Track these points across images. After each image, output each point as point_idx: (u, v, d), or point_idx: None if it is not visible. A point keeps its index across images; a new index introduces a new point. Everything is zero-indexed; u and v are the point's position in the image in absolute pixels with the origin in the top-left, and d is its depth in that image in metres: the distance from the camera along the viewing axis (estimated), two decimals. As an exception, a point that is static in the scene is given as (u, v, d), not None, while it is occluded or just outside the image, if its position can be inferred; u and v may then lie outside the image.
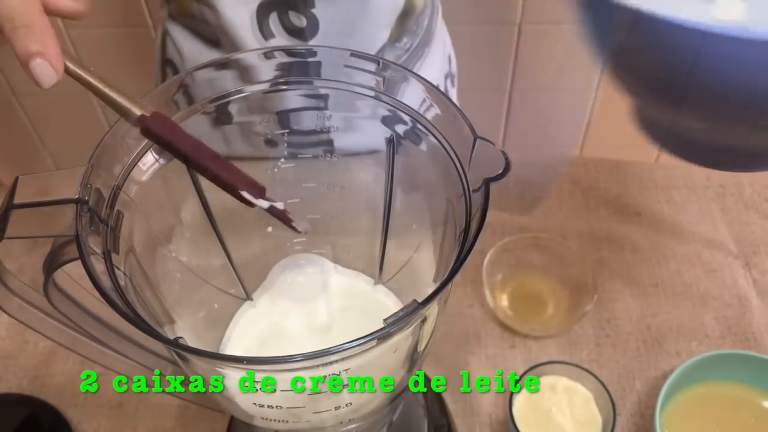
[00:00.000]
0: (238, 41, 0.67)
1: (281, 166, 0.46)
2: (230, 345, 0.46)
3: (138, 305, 0.35)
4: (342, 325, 0.46)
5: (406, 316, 0.31)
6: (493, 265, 0.65)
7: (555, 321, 0.64)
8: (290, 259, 0.48)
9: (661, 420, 0.52)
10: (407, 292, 0.47)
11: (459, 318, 0.64)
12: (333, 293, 0.47)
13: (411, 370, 0.41)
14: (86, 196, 0.34)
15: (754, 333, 0.62)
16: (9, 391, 0.60)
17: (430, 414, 0.55)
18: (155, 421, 0.58)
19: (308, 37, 0.66)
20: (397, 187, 0.45)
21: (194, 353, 0.33)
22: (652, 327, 0.63)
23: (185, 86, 0.40)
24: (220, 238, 0.46)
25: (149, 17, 1.10)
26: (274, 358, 0.31)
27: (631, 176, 0.74)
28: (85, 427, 0.58)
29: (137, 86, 1.21)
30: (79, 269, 0.33)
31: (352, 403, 0.38)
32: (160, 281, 0.42)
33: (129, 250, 0.38)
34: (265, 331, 0.47)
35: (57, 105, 1.26)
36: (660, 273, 0.67)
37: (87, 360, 0.43)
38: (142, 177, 0.39)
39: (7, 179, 0.93)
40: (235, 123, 0.43)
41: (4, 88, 1.22)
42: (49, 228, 0.34)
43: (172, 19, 0.73)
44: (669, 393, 0.54)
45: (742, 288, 0.65)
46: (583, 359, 0.61)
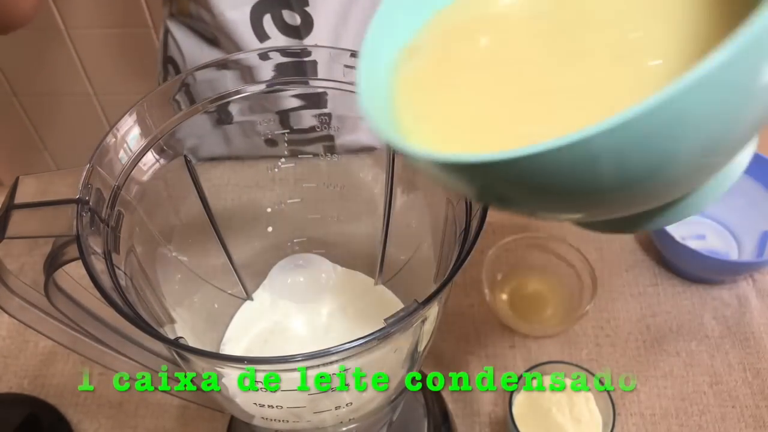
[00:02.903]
0: (235, 40, 0.67)
1: (281, 166, 0.46)
2: (230, 345, 0.46)
3: (138, 305, 0.35)
4: (342, 325, 0.46)
5: (406, 316, 0.31)
6: (493, 265, 0.65)
7: (555, 321, 0.64)
8: (290, 259, 0.48)
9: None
10: (407, 292, 0.47)
11: (459, 318, 0.64)
12: (333, 293, 0.47)
13: (411, 370, 0.41)
14: (87, 196, 0.34)
15: (753, 333, 0.62)
16: (9, 391, 0.60)
17: (430, 414, 0.55)
18: (155, 421, 0.58)
19: (303, 34, 0.66)
20: (397, 187, 0.45)
21: (194, 353, 0.33)
22: (652, 327, 0.63)
23: (186, 86, 0.40)
24: (220, 238, 0.46)
25: (150, 18, 1.10)
26: (274, 358, 0.31)
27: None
28: (86, 426, 0.58)
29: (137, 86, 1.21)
30: (79, 269, 0.33)
31: (352, 402, 0.39)
32: (161, 281, 0.42)
33: (129, 250, 0.38)
34: (266, 331, 0.47)
35: (57, 105, 1.26)
36: (660, 273, 0.67)
37: (87, 360, 0.43)
38: (143, 177, 0.39)
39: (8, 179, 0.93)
40: (235, 122, 0.43)
41: (4, 88, 1.22)
42: (50, 228, 0.34)
43: (173, 17, 0.73)
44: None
45: (741, 288, 0.65)
46: (583, 359, 0.61)
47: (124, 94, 1.21)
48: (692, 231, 0.69)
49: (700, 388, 0.59)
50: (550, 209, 0.27)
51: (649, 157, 0.20)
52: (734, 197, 0.67)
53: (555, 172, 0.21)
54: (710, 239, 0.68)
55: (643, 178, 0.21)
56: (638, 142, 0.20)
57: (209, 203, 0.44)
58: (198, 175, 0.43)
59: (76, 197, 0.34)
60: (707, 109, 0.19)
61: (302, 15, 0.65)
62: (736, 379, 0.60)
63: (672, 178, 0.22)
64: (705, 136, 0.20)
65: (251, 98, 0.42)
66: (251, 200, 0.50)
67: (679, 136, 0.20)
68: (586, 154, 0.20)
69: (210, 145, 0.44)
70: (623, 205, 0.25)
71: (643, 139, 0.19)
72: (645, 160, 0.20)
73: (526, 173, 0.21)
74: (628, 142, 0.19)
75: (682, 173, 0.22)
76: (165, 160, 0.40)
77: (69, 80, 1.21)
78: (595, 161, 0.20)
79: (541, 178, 0.21)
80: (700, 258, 0.61)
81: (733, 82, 0.19)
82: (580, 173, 0.21)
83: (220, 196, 0.47)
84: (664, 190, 0.24)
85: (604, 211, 0.26)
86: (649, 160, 0.20)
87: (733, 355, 0.61)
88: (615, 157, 0.20)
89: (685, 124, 0.19)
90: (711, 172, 0.25)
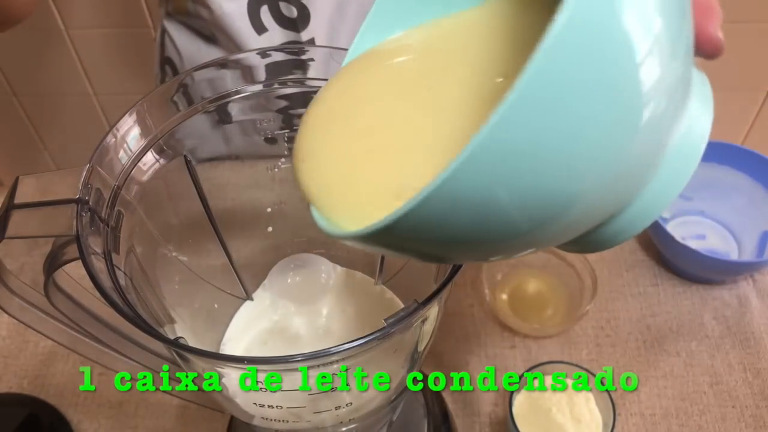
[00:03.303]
0: (233, 36, 0.67)
1: (281, 165, 0.46)
2: (230, 345, 0.46)
3: (138, 305, 0.35)
4: (342, 325, 0.46)
5: (406, 316, 0.31)
6: (493, 265, 0.65)
7: (555, 321, 0.64)
8: (290, 259, 0.48)
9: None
10: (407, 292, 0.47)
11: (459, 318, 0.64)
12: (333, 293, 0.47)
13: (411, 370, 0.41)
14: (86, 196, 0.34)
15: (754, 333, 0.62)
16: (9, 391, 0.60)
17: (430, 414, 0.55)
18: (155, 421, 0.58)
19: (300, 26, 0.66)
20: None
21: (194, 353, 0.33)
22: (652, 327, 0.63)
23: (185, 86, 0.40)
24: (220, 238, 0.46)
25: (149, 17, 1.10)
26: (274, 358, 0.31)
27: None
28: (85, 426, 0.58)
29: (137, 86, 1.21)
30: (79, 269, 0.33)
31: (352, 403, 0.38)
32: (160, 281, 0.42)
33: (129, 250, 0.38)
34: (265, 331, 0.47)
35: (57, 105, 1.26)
36: (660, 273, 0.67)
37: (87, 360, 0.43)
38: (143, 177, 0.39)
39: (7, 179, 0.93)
40: (235, 122, 0.43)
41: (4, 88, 1.22)
42: (50, 228, 0.34)
43: (170, 17, 0.73)
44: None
45: (742, 288, 0.65)
46: (583, 359, 0.61)
47: (123, 94, 1.21)
48: (692, 231, 0.69)
49: (701, 388, 0.59)
50: (479, 255, 0.27)
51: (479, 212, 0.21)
52: (734, 197, 0.67)
53: (426, 228, 0.22)
54: (710, 239, 0.68)
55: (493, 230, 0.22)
56: (457, 204, 0.20)
57: (209, 203, 0.44)
58: (198, 175, 0.43)
59: (76, 197, 0.34)
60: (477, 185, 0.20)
61: (299, 7, 0.65)
62: (736, 379, 0.60)
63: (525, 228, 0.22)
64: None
65: (251, 97, 0.42)
66: (251, 200, 0.50)
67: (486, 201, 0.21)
68: (438, 210, 0.21)
69: (210, 145, 0.44)
70: (537, 244, 0.25)
71: (456, 203, 0.20)
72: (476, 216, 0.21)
73: (406, 234, 0.22)
74: (453, 203, 0.20)
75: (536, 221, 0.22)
76: (165, 160, 0.40)
77: (69, 80, 1.21)
78: (450, 216, 0.21)
79: (428, 232, 0.22)
80: (701, 258, 0.61)
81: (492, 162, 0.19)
82: (454, 226, 0.22)
83: (220, 196, 0.47)
84: (542, 235, 0.24)
85: (526, 248, 0.25)
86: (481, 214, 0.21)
87: (733, 355, 0.61)
88: (462, 212, 0.21)
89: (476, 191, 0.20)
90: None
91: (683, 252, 0.62)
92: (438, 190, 0.20)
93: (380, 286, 0.48)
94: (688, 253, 0.61)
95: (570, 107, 0.19)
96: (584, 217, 0.24)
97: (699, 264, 0.63)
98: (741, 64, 0.67)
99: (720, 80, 0.69)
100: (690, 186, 0.69)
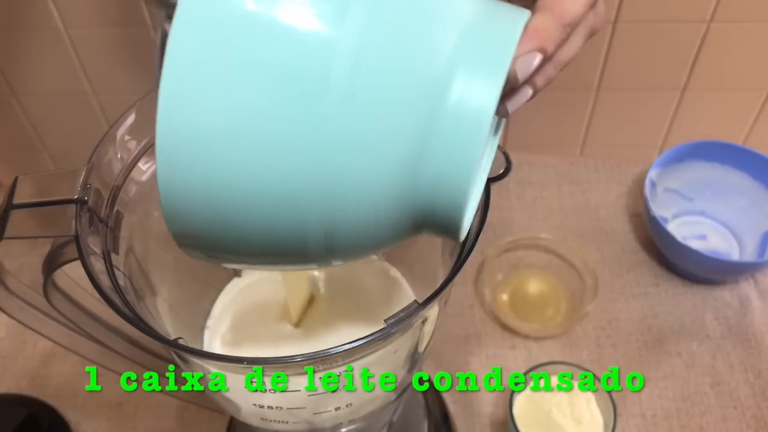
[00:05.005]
0: None
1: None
2: (212, 322, 0.46)
3: (137, 305, 0.35)
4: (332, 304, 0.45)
5: (406, 317, 0.31)
6: (493, 265, 0.65)
7: (555, 321, 0.63)
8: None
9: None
10: (402, 266, 0.47)
11: (459, 318, 0.64)
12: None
13: (411, 371, 0.41)
14: (86, 196, 0.34)
15: (755, 333, 0.62)
16: (8, 392, 0.60)
17: (431, 414, 0.55)
18: (155, 421, 0.58)
19: None
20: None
21: (194, 354, 0.33)
22: (653, 327, 0.63)
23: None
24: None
25: (149, 17, 1.10)
26: (274, 359, 0.31)
27: (631, 176, 0.74)
28: (85, 427, 0.58)
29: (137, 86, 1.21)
30: (78, 269, 0.33)
31: (352, 403, 0.38)
32: (159, 282, 0.41)
33: (129, 251, 0.38)
34: (250, 306, 0.46)
35: (57, 105, 1.26)
36: (661, 273, 0.67)
37: (87, 360, 0.43)
38: (142, 177, 0.39)
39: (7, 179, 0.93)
40: None
41: (3, 88, 1.22)
42: (49, 228, 0.34)
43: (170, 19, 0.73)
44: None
45: (743, 288, 0.65)
46: (584, 359, 0.61)
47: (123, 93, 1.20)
48: (694, 231, 0.69)
49: (702, 389, 0.59)
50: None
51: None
52: (736, 197, 0.67)
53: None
54: (712, 239, 0.68)
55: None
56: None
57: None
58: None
59: (75, 197, 0.34)
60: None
61: None
62: (737, 379, 0.60)
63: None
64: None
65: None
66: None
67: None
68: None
69: None
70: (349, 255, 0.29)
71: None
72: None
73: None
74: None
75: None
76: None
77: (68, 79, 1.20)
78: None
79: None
80: (702, 258, 0.61)
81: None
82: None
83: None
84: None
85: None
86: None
87: (734, 356, 0.61)
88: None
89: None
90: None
91: (684, 252, 0.62)
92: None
93: (378, 261, 0.48)
94: (690, 253, 0.61)
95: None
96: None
97: (700, 264, 0.63)
98: (741, 64, 0.67)
99: (720, 80, 0.69)
100: (691, 186, 0.70)
